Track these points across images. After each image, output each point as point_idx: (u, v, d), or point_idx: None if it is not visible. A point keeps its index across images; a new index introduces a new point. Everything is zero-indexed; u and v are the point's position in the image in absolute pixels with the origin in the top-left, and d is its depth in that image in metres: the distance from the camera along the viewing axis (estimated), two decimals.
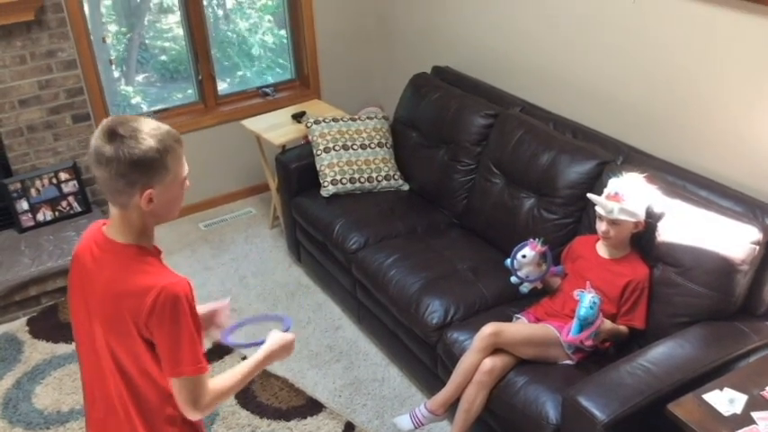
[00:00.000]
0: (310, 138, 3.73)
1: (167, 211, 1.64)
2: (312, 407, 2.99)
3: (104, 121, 1.56)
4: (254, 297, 3.72)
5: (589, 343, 2.47)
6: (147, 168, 1.54)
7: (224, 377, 1.69)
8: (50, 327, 3.54)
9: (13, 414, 3.03)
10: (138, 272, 1.58)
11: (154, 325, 1.55)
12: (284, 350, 1.87)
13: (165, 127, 1.58)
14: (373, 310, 3.22)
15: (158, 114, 4.29)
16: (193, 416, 1.63)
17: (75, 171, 3.89)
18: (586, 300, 2.42)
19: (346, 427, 2.90)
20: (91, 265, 1.64)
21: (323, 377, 3.17)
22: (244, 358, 2.05)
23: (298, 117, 4.07)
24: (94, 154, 1.54)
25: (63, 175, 3.87)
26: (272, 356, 1.84)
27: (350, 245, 3.30)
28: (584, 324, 2.42)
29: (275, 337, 1.86)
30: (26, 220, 3.83)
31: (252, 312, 3.56)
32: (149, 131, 1.54)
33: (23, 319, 3.60)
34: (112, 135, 1.52)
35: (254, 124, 4.09)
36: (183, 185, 1.65)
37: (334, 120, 3.77)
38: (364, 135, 3.74)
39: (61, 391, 3.16)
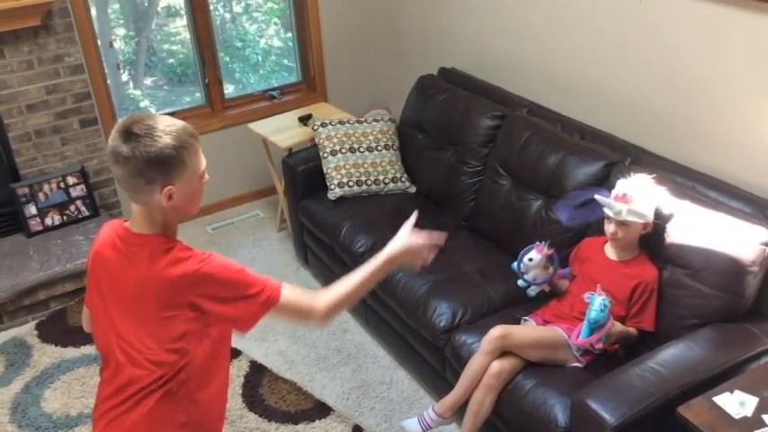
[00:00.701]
0: (317, 140, 3.73)
1: (189, 205, 1.66)
2: (320, 410, 2.99)
3: (120, 121, 1.58)
4: None
5: (599, 346, 2.45)
6: (165, 165, 1.55)
7: (339, 284, 1.73)
8: (59, 331, 3.55)
9: (23, 419, 3.04)
10: (176, 256, 1.60)
11: (207, 292, 1.59)
12: (409, 254, 1.82)
13: (179, 123, 1.60)
14: (381, 313, 3.21)
15: None
16: (320, 325, 1.73)
17: (83, 175, 3.90)
18: (597, 302, 2.40)
19: (354, 430, 2.89)
20: (117, 259, 1.66)
21: (331, 380, 3.17)
22: None
23: (304, 120, 4.07)
24: (112, 154, 1.56)
25: (71, 180, 3.88)
26: (394, 260, 1.81)
27: (357, 248, 3.29)
28: (595, 327, 2.41)
29: (400, 238, 1.83)
30: (34, 225, 3.84)
31: None
32: (164, 128, 1.55)
33: (32, 324, 3.61)
34: (128, 134, 1.54)
35: (261, 127, 4.09)
36: (203, 179, 1.67)
37: (341, 122, 3.77)
38: (371, 137, 3.74)
39: (70, 395, 3.17)
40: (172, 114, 4.33)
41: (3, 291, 3.49)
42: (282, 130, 4.02)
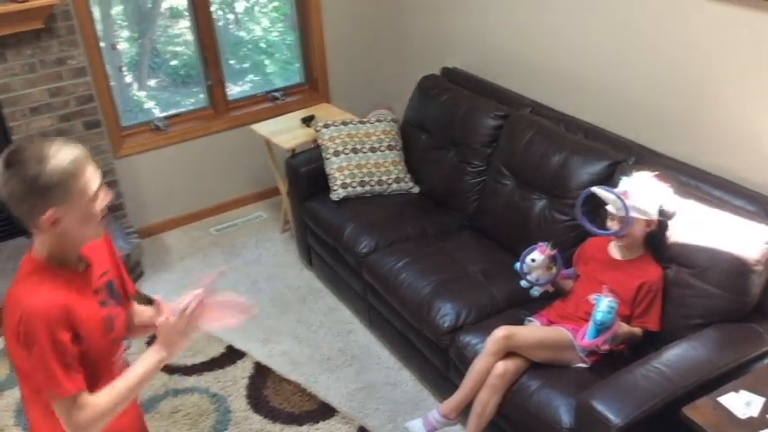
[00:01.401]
0: (320, 141, 3.73)
1: (81, 230, 1.59)
2: (324, 411, 2.99)
3: (5, 150, 1.54)
4: (266, 301, 3.72)
5: (605, 347, 2.44)
6: (44, 192, 1.50)
7: (106, 391, 1.61)
8: None
9: (27, 422, 3.04)
10: (21, 285, 1.58)
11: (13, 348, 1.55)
12: (175, 334, 1.67)
13: (66, 147, 1.54)
14: (384, 314, 3.21)
15: (169, 120, 4.31)
16: None
17: None
18: (603, 304, 2.39)
19: (359, 431, 2.89)
20: None
21: (335, 381, 3.17)
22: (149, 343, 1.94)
23: (307, 121, 4.07)
24: None
25: None
26: (161, 360, 1.68)
27: (360, 248, 3.29)
28: (601, 328, 2.40)
29: (163, 326, 1.67)
30: None
31: (266, 315, 3.58)
32: (46, 155, 1.51)
33: None
34: (8, 162, 1.50)
35: (264, 128, 4.09)
36: (94, 202, 1.59)
37: (344, 123, 3.77)
38: (374, 138, 3.73)
39: None
40: (176, 116, 4.35)
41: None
42: (285, 131, 4.02)
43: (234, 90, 4.66)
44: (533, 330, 2.61)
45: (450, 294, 2.87)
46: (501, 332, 2.51)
